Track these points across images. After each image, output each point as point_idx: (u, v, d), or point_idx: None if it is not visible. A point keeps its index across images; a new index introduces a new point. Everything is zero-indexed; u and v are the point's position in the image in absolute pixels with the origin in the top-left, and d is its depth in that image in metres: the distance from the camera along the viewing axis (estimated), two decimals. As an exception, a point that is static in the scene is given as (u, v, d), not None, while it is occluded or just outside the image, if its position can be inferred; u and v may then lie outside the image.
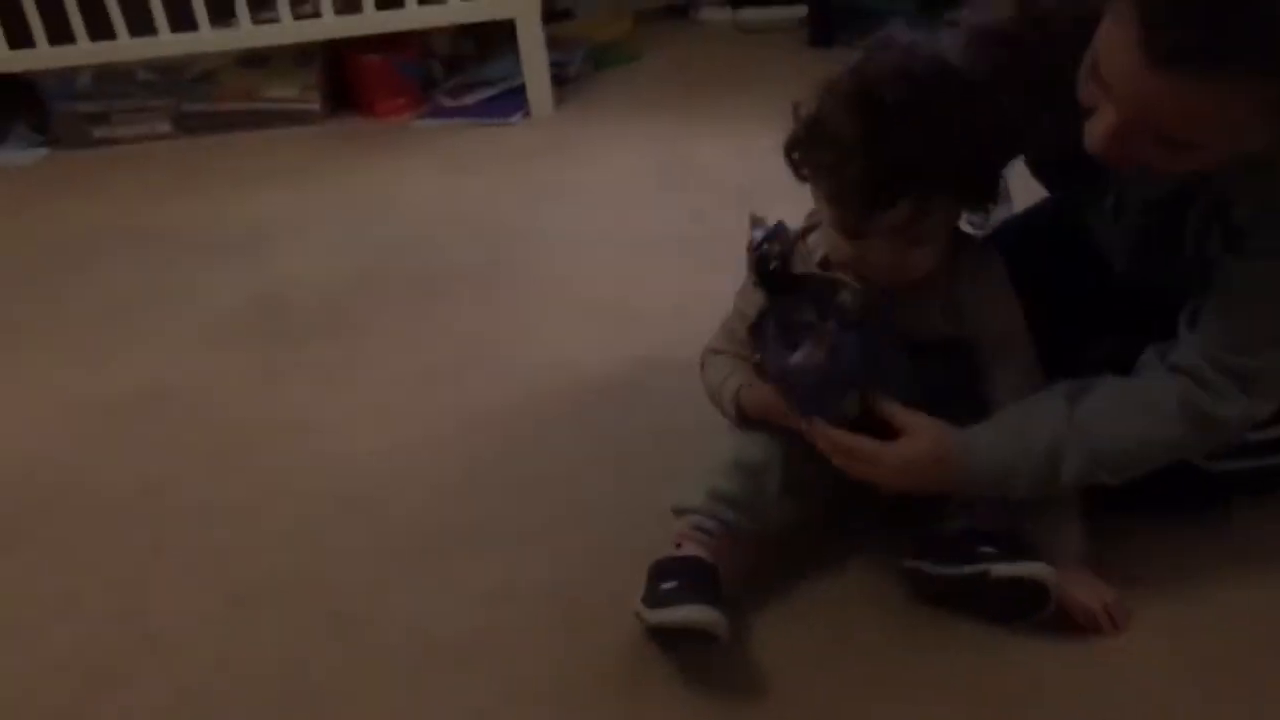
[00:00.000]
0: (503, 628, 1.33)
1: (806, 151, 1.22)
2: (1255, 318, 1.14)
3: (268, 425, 1.76)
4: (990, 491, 1.23)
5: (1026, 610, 1.22)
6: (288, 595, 1.42)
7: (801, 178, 1.24)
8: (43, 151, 2.96)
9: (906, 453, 1.21)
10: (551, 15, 3.16)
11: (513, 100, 2.88)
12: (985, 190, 1.20)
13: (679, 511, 1.31)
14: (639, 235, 2.21)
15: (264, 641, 1.35)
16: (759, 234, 1.25)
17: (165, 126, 2.98)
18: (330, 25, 2.81)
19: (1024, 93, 1.14)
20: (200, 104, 2.96)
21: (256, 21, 2.80)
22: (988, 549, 1.23)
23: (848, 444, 1.23)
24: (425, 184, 2.57)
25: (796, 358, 1.21)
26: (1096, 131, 1.03)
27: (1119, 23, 0.95)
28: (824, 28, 3.04)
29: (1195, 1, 0.89)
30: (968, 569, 1.22)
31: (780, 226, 1.26)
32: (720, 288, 1.42)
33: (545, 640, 1.30)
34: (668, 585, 1.22)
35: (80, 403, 1.87)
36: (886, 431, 1.23)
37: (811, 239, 1.30)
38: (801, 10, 3.15)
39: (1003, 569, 1.21)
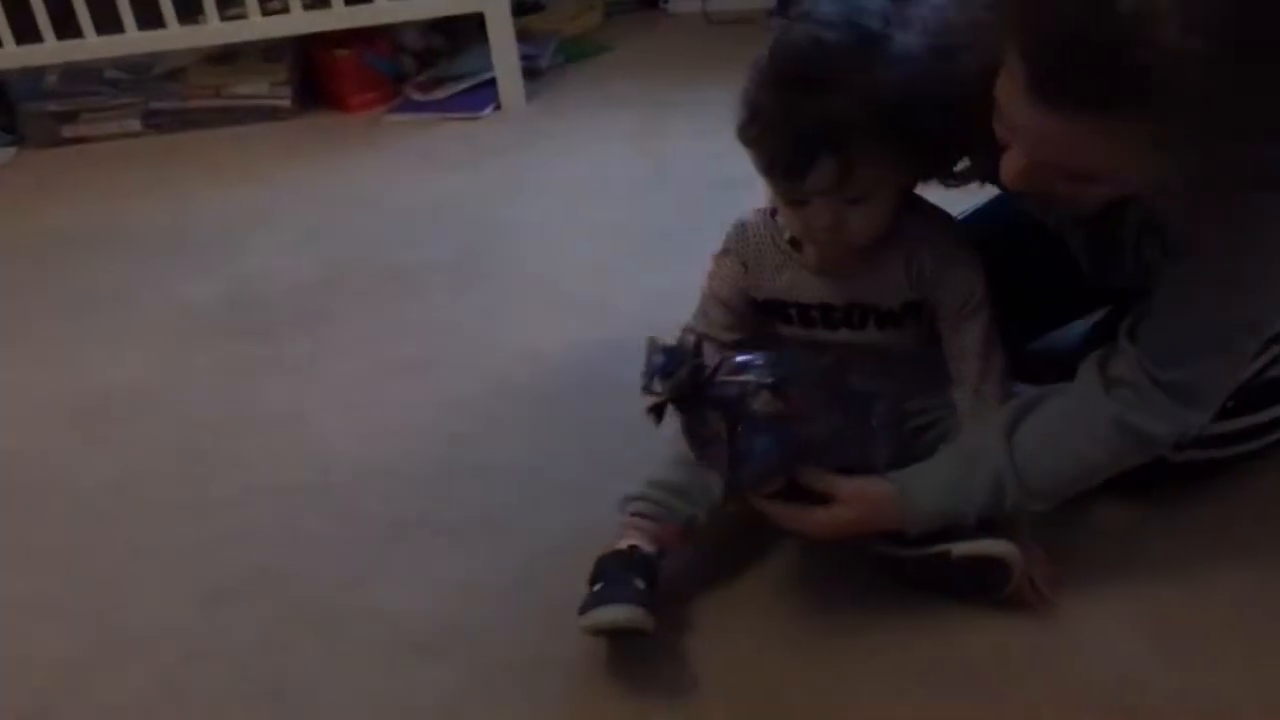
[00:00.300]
0: (477, 617, 1.33)
1: (741, 132, 1.24)
2: (1185, 330, 1.15)
3: (241, 420, 1.76)
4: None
5: (989, 587, 1.24)
6: (262, 589, 1.42)
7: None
8: (11, 151, 2.95)
9: (837, 516, 1.22)
10: (521, 8, 3.16)
11: (484, 94, 2.88)
12: (920, 146, 1.19)
13: (623, 503, 1.33)
14: (611, 227, 2.22)
15: (239, 635, 1.36)
16: (659, 361, 1.18)
17: (134, 124, 2.96)
18: (299, 21, 2.80)
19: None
20: (169, 101, 2.95)
21: (224, 18, 2.79)
22: (950, 528, 1.25)
23: (772, 511, 1.24)
24: (397, 178, 2.57)
25: (708, 462, 1.21)
26: (1009, 171, 1.06)
27: (1010, 70, 0.97)
28: (793, 18, 3.04)
29: (1075, 47, 0.90)
30: (930, 549, 1.24)
31: (681, 346, 1.19)
32: (693, 278, 1.42)
33: (519, 629, 1.30)
34: (595, 587, 1.24)
35: (51, 401, 1.87)
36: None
37: (779, 217, 1.32)
38: (770, 1, 3.16)
39: (963, 548, 1.23)
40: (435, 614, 1.35)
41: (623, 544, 1.29)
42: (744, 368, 1.18)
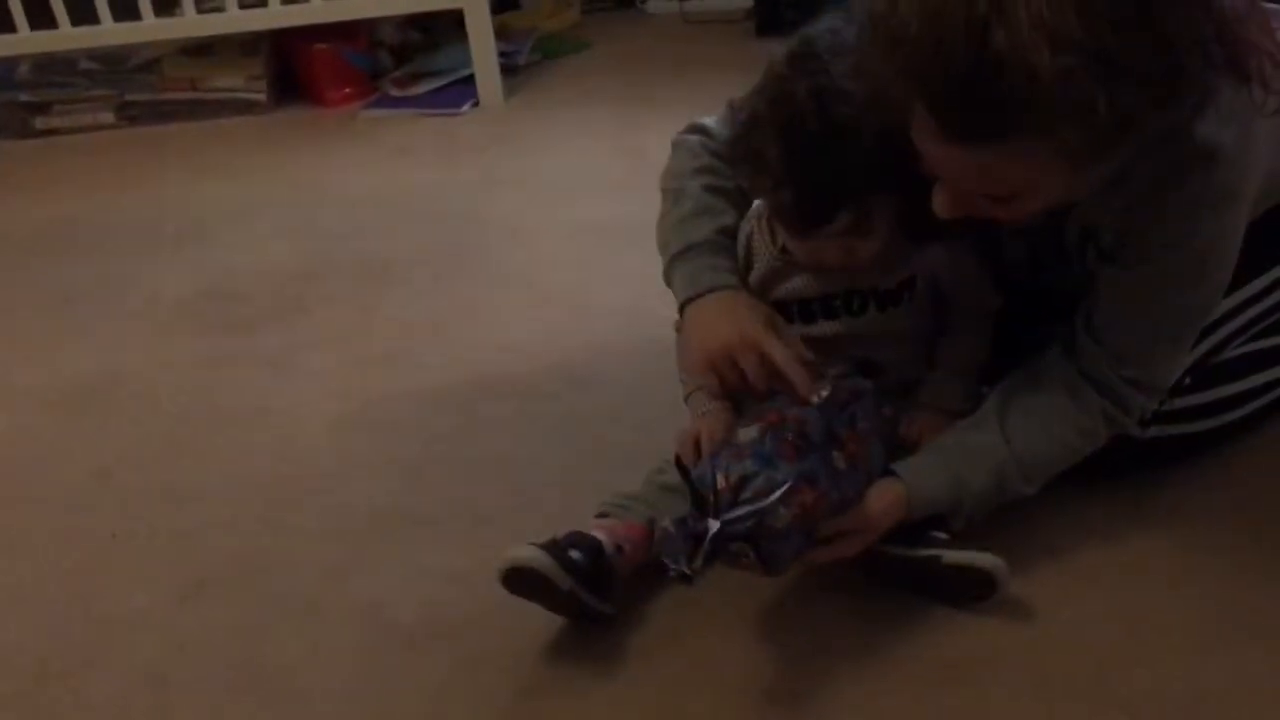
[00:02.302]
0: (458, 608, 1.34)
1: (737, 169, 1.27)
2: (1140, 329, 1.24)
3: (219, 412, 1.76)
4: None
5: (973, 596, 1.26)
6: (242, 579, 1.42)
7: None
8: (-18, 142, 2.93)
9: (867, 538, 1.24)
10: (499, 5, 3.16)
11: (462, 90, 2.88)
12: (911, 184, 1.20)
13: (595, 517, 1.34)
14: (590, 222, 2.22)
15: (220, 626, 1.36)
16: (672, 546, 1.13)
17: (108, 117, 2.95)
18: (276, 14, 2.80)
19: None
20: (144, 94, 2.94)
21: (201, 11, 2.78)
22: (939, 534, 1.27)
23: (822, 559, 1.24)
24: (374, 173, 2.57)
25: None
26: (938, 202, 1.14)
27: (917, 113, 1.05)
28: (771, 18, 3.06)
29: (965, 88, 0.98)
30: (921, 552, 1.26)
31: (684, 521, 1.14)
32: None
33: (499, 620, 1.30)
34: None
35: (29, 393, 1.86)
36: None
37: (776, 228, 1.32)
38: (747, 1, 3.18)
39: (954, 556, 1.25)
40: (417, 605, 1.35)
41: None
42: (745, 481, 1.15)
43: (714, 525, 1.12)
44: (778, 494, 1.13)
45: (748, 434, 1.21)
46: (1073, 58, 0.94)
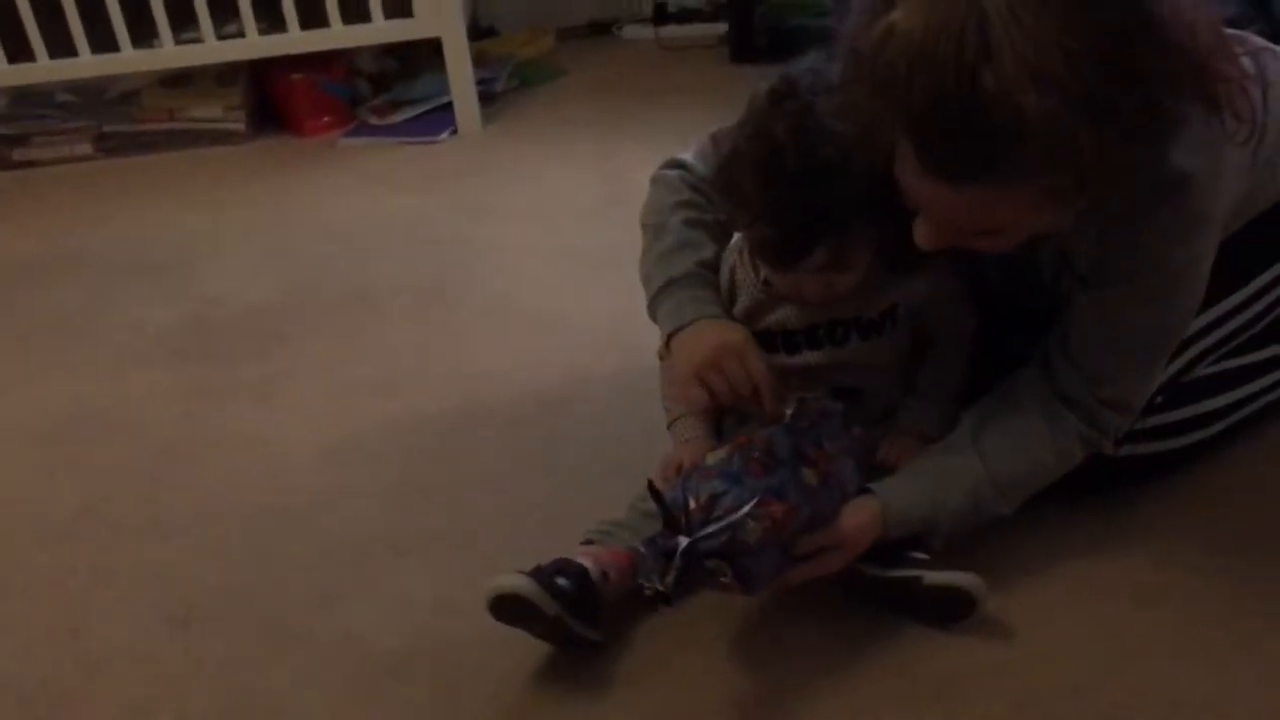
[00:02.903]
0: (442, 635, 1.35)
1: (730, 217, 1.30)
2: (1114, 351, 1.28)
3: (201, 442, 1.77)
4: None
5: (952, 616, 1.28)
6: (228, 609, 1.43)
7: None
8: (-40, 175, 2.92)
9: (846, 556, 1.27)
10: (475, 33, 3.18)
11: (440, 118, 2.90)
12: (892, 219, 1.23)
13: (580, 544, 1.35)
14: (570, 250, 2.24)
15: (206, 656, 1.36)
16: (648, 565, 1.17)
17: (86, 148, 2.94)
18: (254, 45, 2.80)
19: None
20: (122, 125, 2.94)
21: (179, 42, 2.78)
22: (918, 554, 1.29)
23: (791, 583, 1.26)
24: (354, 202, 2.58)
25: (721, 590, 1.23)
26: (920, 235, 1.17)
27: (901, 153, 1.08)
28: (745, 45, 3.09)
29: (953, 127, 1.01)
30: (900, 572, 1.28)
31: (659, 539, 1.19)
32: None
33: (484, 647, 1.31)
34: None
35: (11, 426, 1.86)
36: None
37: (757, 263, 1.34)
38: (722, 27, 3.21)
39: (935, 576, 1.27)
40: (403, 632, 1.36)
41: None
42: (715, 500, 1.18)
43: (683, 541, 1.15)
44: (746, 509, 1.16)
45: (716, 457, 1.24)
46: (1058, 99, 0.97)
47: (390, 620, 1.38)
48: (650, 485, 1.22)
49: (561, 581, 1.25)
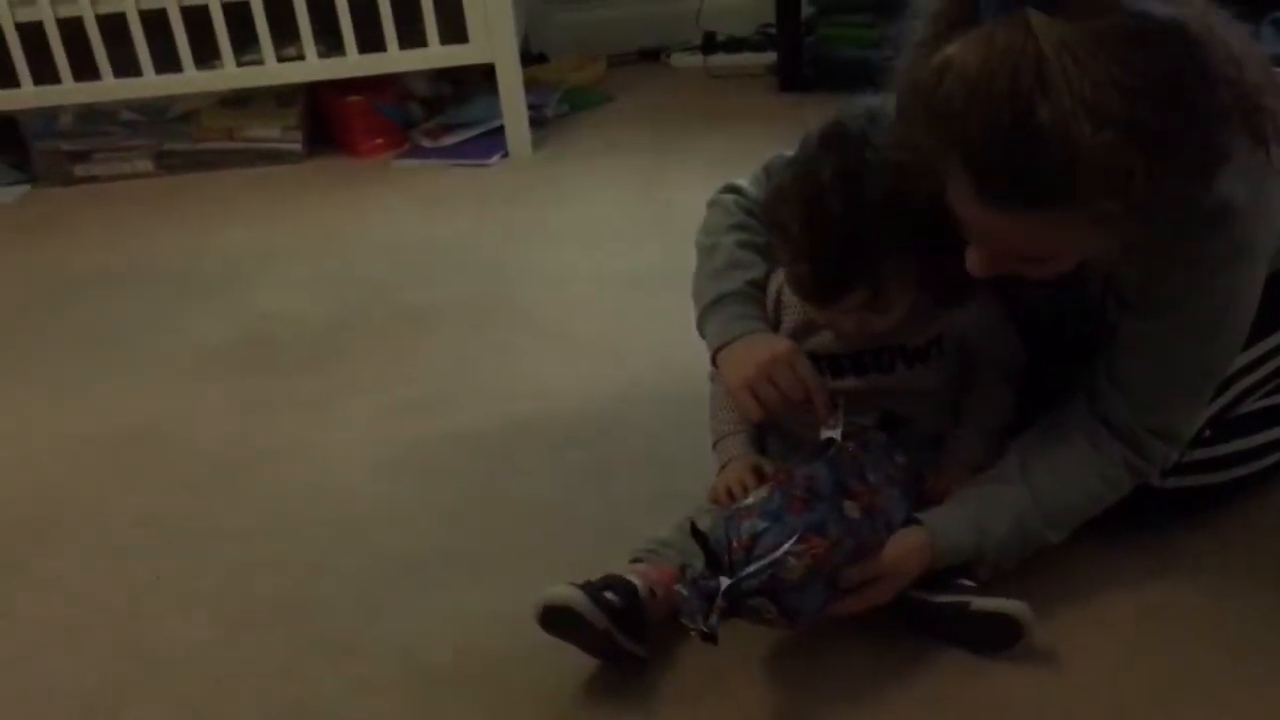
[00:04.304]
0: (493, 649, 1.37)
1: (772, 250, 1.32)
2: (1161, 380, 1.29)
3: (256, 456, 1.80)
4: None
5: (999, 644, 1.28)
6: (281, 620, 1.46)
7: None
8: (23, 189, 3.00)
9: (896, 585, 1.28)
10: (527, 59, 3.23)
11: (491, 141, 2.95)
12: (940, 254, 1.26)
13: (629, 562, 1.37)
14: (619, 272, 2.27)
15: (259, 666, 1.39)
16: (690, 605, 1.18)
17: (146, 165, 3.02)
18: (313, 68, 2.87)
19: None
20: (182, 143, 3.01)
21: (240, 64, 2.85)
22: (966, 581, 1.30)
23: (848, 610, 1.27)
24: (406, 223, 2.62)
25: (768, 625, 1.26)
26: (971, 262, 1.19)
27: (955, 177, 1.10)
28: (794, 74, 3.12)
29: (1008, 157, 1.03)
30: (948, 598, 1.29)
31: (700, 577, 1.20)
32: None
33: (536, 661, 1.33)
34: None
35: (70, 437, 1.91)
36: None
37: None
38: (771, 57, 3.24)
39: (983, 603, 1.27)
40: (455, 645, 1.38)
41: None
42: (756, 538, 1.20)
43: (724, 581, 1.17)
44: (786, 546, 1.18)
45: (758, 494, 1.27)
46: (1113, 133, 0.99)
47: (441, 633, 1.40)
48: (693, 526, 1.25)
49: (610, 596, 1.27)
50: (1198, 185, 1.09)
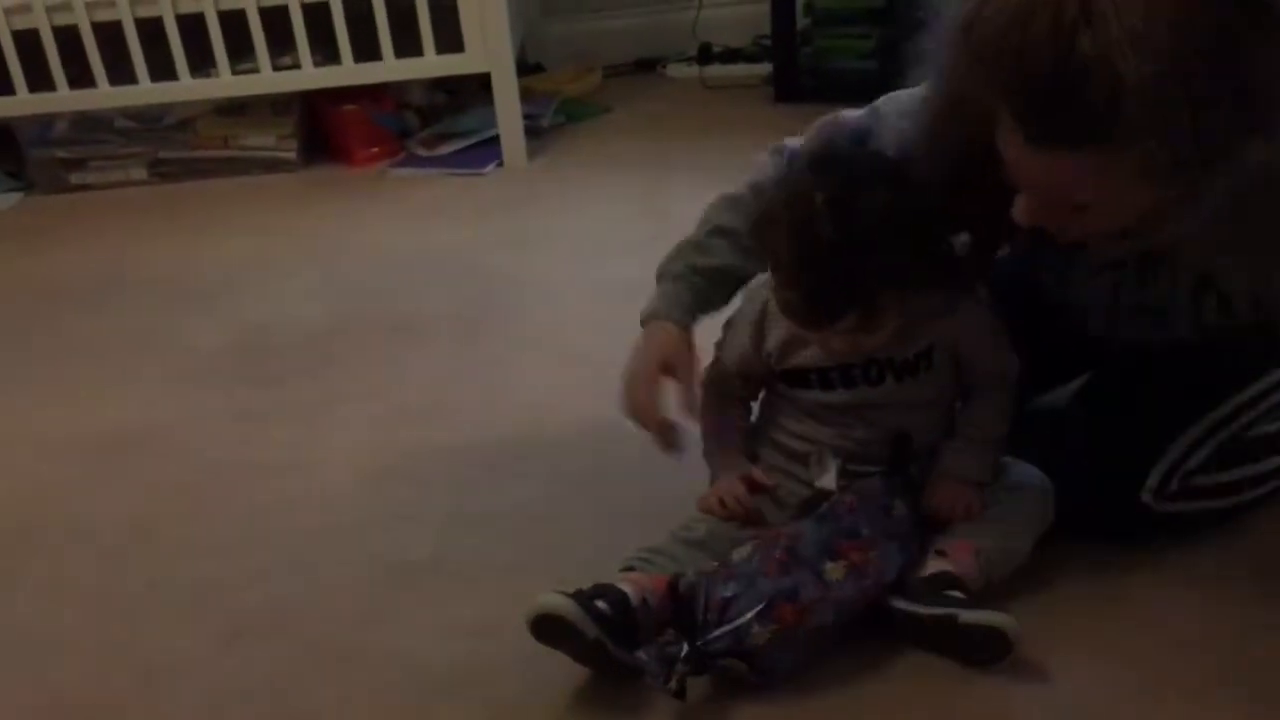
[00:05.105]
0: (488, 658, 1.36)
1: (756, 249, 1.32)
2: None
3: (251, 464, 1.80)
4: None
5: (987, 657, 1.28)
6: (277, 628, 1.45)
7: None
8: (17, 196, 3.00)
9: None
10: (523, 69, 3.24)
11: (487, 151, 2.95)
12: (931, 274, 1.27)
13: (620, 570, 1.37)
14: (615, 282, 2.26)
15: (254, 673, 1.39)
16: (654, 666, 1.22)
17: (141, 173, 3.02)
18: (309, 76, 2.87)
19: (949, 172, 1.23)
20: (177, 151, 3.01)
21: (236, 72, 2.85)
22: (956, 593, 1.30)
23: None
24: (401, 231, 2.62)
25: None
26: (1020, 210, 1.17)
27: (1003, 126, 1.09)
28: (789, 85, 3.13)
29: (1053, 92, 1.01)
30: (937, 610, 1.29)
31: (665, 641, 1.25)
32: (695, 334, 1.49)
33: (528, 671, 1.33)
34: None
35: (65, 444, 1.90)
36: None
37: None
38: (766, 68, 3.25)
39: (970, 615, 1.27)
40: (449, 655, 1.38)
41: None
42: (728, 602, 1.23)
43: (685, 648, 1.21)
44: (752, 613, 1.21)
45: (741, 553, 1.29)
46: (1156, 67, 0.96)
47: (435, 643, 1.40)
48: (672, 585, 1.28)
49: (601, 605, 1.27)
50: (1262, 148, 1.04)
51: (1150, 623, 1.34)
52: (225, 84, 2.86)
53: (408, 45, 2.85)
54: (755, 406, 1.51)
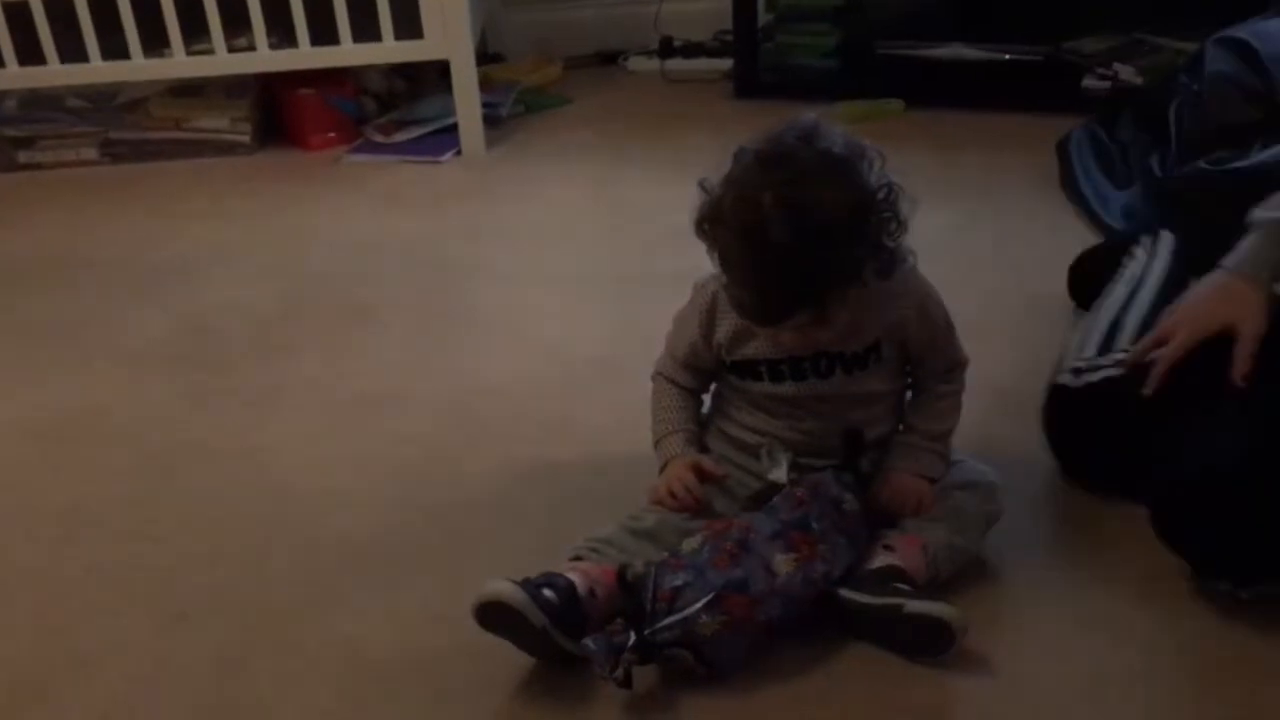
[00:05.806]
0: (432, 646, 1.36)
1: (708, 245, 1.30)
2: None
3: (199, 449, 1.78)
4: None
5: (932, 648, 1.28)
6: (217, 612, 1.44)
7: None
8: (-37, 175, 2.94)
9: None
10: (483, 58, 3.22)
11: (444, 139, 2.93)
12: (880, 266, 1.27)
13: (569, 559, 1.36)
14: (569, 273, 2.26)
15: (196, 660, 1.37)
16: (600, 658, 1.22)
17: (91, 153, 2.96)
18: (265, 59, 2.83)
19: None
20: (129, 132, 2.96)
21: (190, 53, 2.81)
22: (902, 585, 1.30)
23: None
24: (356, 218, 2.60)
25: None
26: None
27: None
28: (749, 81, 3.13)
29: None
30: (882, 600, 1.29)
31: (611, 630, 1.25)
32: (649, 325, 1.49)
33: (475, 658, 1.32)
34: None
35: (7, 426, 1.87)
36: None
37: None
38: (727, 63, 3.25)
39: (916, 606, 1.28)
40: (393, 642, 1.37)
41: None
42: (678, 592, 1.23)
43: (632, 637, 1.21)
44: (701, 603, 1.22)
45: (690, 544, 1.29)
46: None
47: (380, 630, 1.39)
48: (620, 575, 1.28)
49: (548, 594, 1.26)
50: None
51: (1097, 618, 1.35)
52: (179, 64, 2.82)
53: (366, 30, 2.81)
54: (706, 400, 1.50)
